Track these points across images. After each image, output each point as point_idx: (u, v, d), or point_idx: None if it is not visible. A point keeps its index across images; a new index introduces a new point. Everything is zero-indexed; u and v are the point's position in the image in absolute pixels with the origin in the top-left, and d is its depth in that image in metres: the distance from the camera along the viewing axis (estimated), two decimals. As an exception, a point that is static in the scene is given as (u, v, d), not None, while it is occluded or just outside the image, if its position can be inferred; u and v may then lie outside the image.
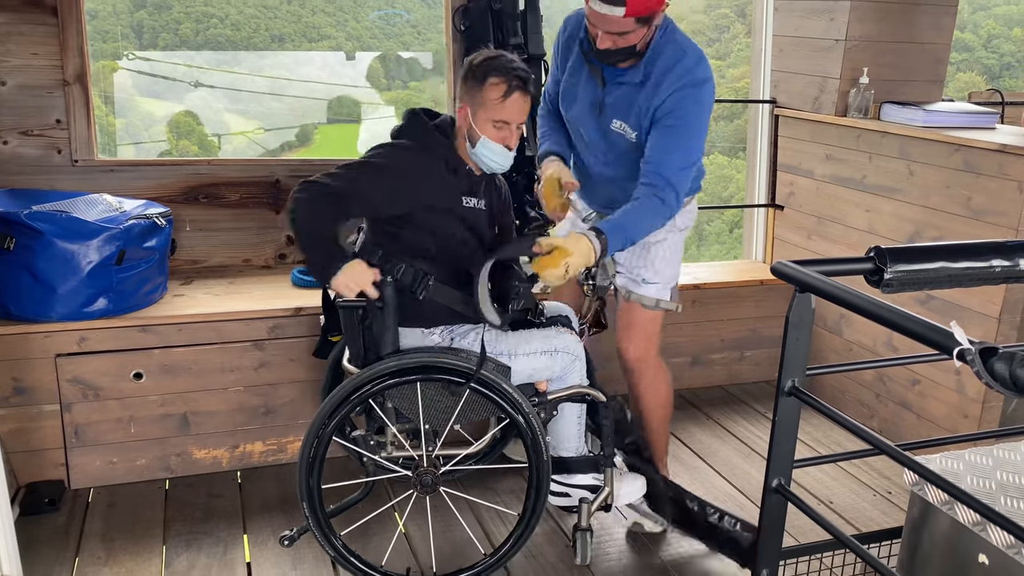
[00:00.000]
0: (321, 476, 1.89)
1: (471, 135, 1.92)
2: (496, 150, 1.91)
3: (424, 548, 2.16)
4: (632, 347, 2.22)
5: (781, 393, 1.34)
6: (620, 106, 2.02)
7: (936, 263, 1.29)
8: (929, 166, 2.67)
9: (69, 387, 2.32)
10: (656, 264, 2.17)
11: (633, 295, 2.20)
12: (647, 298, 2.19)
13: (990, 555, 1.28)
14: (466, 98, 1.91)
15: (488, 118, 1.90)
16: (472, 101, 1.90)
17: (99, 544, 2.15)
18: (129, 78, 10.38)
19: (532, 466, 1.91)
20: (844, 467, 2.65)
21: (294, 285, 2.69)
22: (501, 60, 1.89)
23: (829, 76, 3.06)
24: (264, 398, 2.50)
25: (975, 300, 2.50)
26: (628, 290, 2.21)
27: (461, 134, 1.94)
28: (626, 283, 2.22)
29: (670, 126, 1.94)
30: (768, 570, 1.45)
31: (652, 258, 2.17)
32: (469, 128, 1.91)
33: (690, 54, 1.97)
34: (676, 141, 1.95)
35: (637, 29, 1.90)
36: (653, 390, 2.26)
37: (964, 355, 0.99)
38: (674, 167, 1.95)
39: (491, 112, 1.89)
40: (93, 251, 2.24)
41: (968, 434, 1.60)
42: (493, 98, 1.88)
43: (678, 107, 1.93)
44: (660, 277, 2.19)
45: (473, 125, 1.90)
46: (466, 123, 1.92)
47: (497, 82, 1.87)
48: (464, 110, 1.91)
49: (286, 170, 2.86)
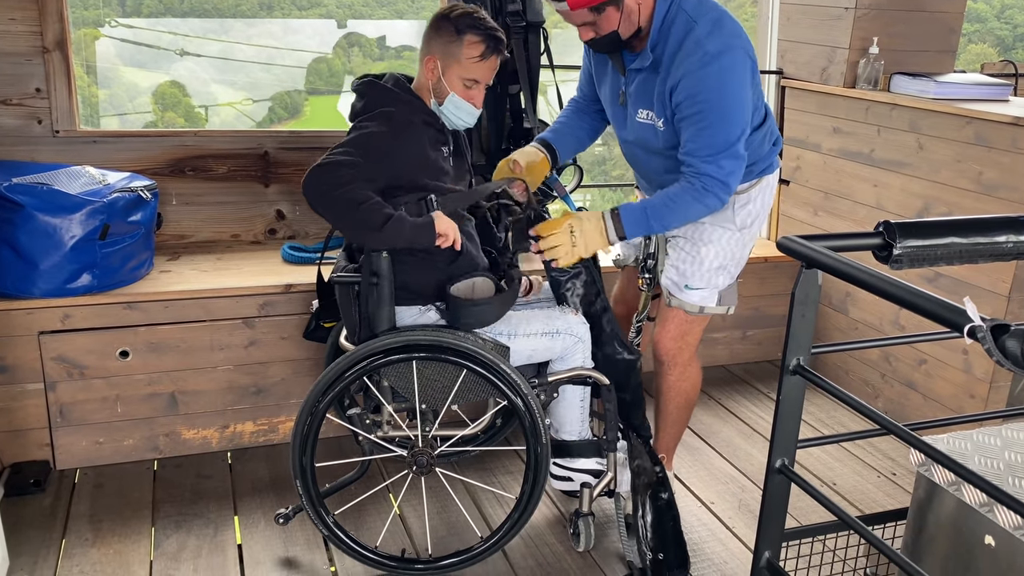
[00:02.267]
0: (314, 454, 1.90)
1: (438, 89, 1.90)
2: (465, 108, 1.91)
3: (419, 530, 2.17)
4: (665, 340, 2.10)
5: (785, 371, 1.34)
6: (642, 94, 1.90)
7: (947, 238, 1.29)
8: (939, 139, 2.66)
9: (53, 365, 2.31)
10: (704, 267, 2.01)
11: (675, 300, 2.06)
12: (689, 304, 2.05)
13: (997, 537, 1.29)
14: (437, 51, 1.88)
15: (460, 75, 1.88)
16: (444, 55, 1.87)
17: (86, 526, 2.16)
18: (112, 46, 10.25)
19: (530, 449, 1.92)
20: (848, 448, 2.67)
21: (284, 261, 2.68)
22: (479, 18, 1.87)
23: (838, 46, 3.03)
24: (254, 377, 2.50)
25: (984, 278, 2.50)
26: (670, 294, 2.08)
27: (425, 88, 1.91)
28: (669, 285, 2.07)
29: (693, 112, 1.79)
30: (770, 552, 1.47)
31: (701, 259, 2.01)
32: (436, 82, 1.89)
33: (701, 24, 1.78)
34: (702, 126, 1.79)
35: (602, 15, 1.79)
36: (677, 388, 2.15)
37: (975, 332, 0.99)
38: (704, 154, 1.80)
39: (465, 70, 1.87)
40: (76, 225, 2.22)
41: (976, 414, 1.61)
42: (471, 56, 1.86)
43: (695, 90, 1.77)
44: (707, 283, 2.02)
45: (442, 79, 1.88)
46: (433, 76, 1.89)
47: (476, 40, 1.86)
48: (433, 62, 1.88)
49: (275, 142, 2.83)
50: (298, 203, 2.89)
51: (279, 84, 11.37)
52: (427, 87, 1.91)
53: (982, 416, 1.65)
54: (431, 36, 1.90)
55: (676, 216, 1.87)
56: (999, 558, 1.29)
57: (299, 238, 2.91)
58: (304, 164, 2.85)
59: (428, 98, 1.92)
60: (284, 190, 2.86)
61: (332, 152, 1.81)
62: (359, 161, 1.78)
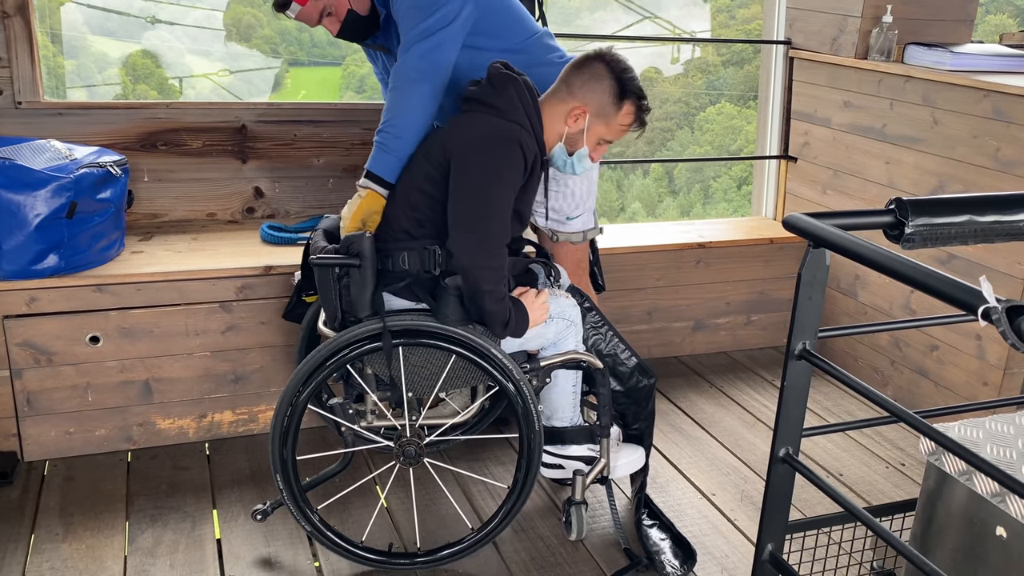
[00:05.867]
0: (296, 447, 1.90)
1: (572, 139, 1.93)
2: (586, 164, 1.97)
3: (407, 523, 2.18)
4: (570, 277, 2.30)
5: (791, 356, 1.35)
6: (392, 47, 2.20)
7: (961, 216, 1.29)
8: (955, 114, 2.65)
9: (19, 351, 2.30)
10: (576, 196, 2.26)
11: (560, 235, 2.31)
12: (575, 234, 2.31)
13: (1009, 527, 1.30)
14: (592, 104, 1.90)
15: (601, 135, 1.93)
16: (598, 111, 1.90)
17: (56, 519, 2.16)
18: (79, 13, 10.12)
19: (523, 436, 1.93)
20: (855, 438, 2.69)
21: (263, 241, 2.66)
22: (640, 85, 1.91)
23: (849, 14, 3.01)
24: (233, 364, 2.50)
25: (1000, 260, 2.51)
26: (553, 231, 2.31)
27: (557, 127, 1.92)
28: (553, 224, 2.31)
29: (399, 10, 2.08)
30: (773, 544, 1.48)
31: (571, 191, 2.25)
32: (576, 133, 1.92)
33: None
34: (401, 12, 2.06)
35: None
36: None
37: (990, 314, 0.99)
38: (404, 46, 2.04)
39: (609, 132, 1.93)
40: (41, 203, 2.21)
41: (988, 401, 1.62)
42: (623, 124, 1.93)
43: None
44: (583, 207, 2.28)
45: (584, 132, 1.91)
46: (576, 127, 1.91)
47: (633, 111, 1.92)
48: (582, 112, 1.90)
49: (253, 114, 2.81)
50: (277, 180, 2.87)
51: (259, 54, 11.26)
52: (557, 129, 1.92)
53: (995, 403, 1.66)
54: (590, 85, 1.90)
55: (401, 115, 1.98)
56: (1011, 550, 1.30)
57: (279, 217, 2.89)
58: (283, 138, 2.84)
59: (550, 134, 1.92)
60: (263, 166, 2.85)
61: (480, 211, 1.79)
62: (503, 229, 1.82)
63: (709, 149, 11.58)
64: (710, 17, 12.90)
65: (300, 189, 2.90)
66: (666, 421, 2.75)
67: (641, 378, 2.16)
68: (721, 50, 12.08)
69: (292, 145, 2.85)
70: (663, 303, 3.13)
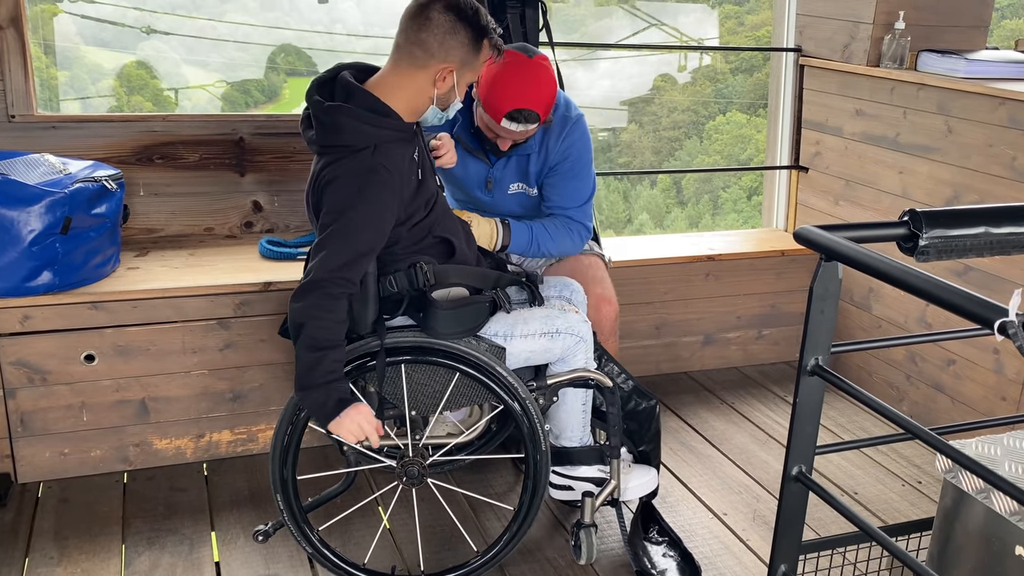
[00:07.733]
0: (296, 466, 1.91)
1: (444, 99, 1.84)
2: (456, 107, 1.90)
3: (410, 545, 2.18)
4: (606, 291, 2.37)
5: (803, 372, 1.35)
6: (514, 172, 2.28)
7: (977, 228, 1.29)
8: (970, 122, 2.67)
9: (12, 371, 2.32)
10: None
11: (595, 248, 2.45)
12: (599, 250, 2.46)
13: (1029, 548, 1.30)
14: (455, 60, 1.78)
15: (469, 80, 1.87)
16: (463, 64, 1.81)
17: (51, 543, 2.17)
18: (72, 24, 10.22)
19: (529, 457, 1.93)
20: (870, 455, 2.69)
21: (262, 257, 2.68)
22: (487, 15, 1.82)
23: (861, 21, 3.04)
24: (231, 382, 2.51)
25: (1018, 272, 2.52)
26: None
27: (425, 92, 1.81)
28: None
29: (566, 170, 2.25)
30: (787, 565, 1.48)
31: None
32: (446, 92, 1.82)
33: (560, 103, 2.22)
34: (573, 181, 2.26)
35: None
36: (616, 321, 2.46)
37: (1007, 328, 1.00)
38: (576, 205, 2.27)
39: (475, 75, 1.88)
40: (35, 218, 2.22)
41: (1007, 417, 1.62)
42: (485, 60, 1.86)
43: (569, 151, 2.23)
44: None
45: (455, 88, 1.83)
46: (445, 86, 1.81)
47: (489, 44, 1.83)
48: (449, 72, 1.79)
49: (250, 127, 2.84)
50: (276, 194, 2.89)
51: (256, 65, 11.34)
52: (426, 94, 1.81)
53: (1013, 419, 1.66)
54: (448, 42, 1.77)
55: (553, 245, 2.26)
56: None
57: (278, 232, 2.91)
58: (282, 151, 2.86)
59: (406, 107, 1.80)
60: (261, 179, 2.87)
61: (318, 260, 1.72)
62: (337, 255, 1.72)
63: (718, 159, 11.59)
64: (718, 24, 12.96)
65: (300, 203, 2.91)
66: (676, 439, 2.75)
67: (640, 401, 2.17)
68: (730, 58, 12.14)
69: (291, 158, 2.87)
70: (672, 317, 3.14)
